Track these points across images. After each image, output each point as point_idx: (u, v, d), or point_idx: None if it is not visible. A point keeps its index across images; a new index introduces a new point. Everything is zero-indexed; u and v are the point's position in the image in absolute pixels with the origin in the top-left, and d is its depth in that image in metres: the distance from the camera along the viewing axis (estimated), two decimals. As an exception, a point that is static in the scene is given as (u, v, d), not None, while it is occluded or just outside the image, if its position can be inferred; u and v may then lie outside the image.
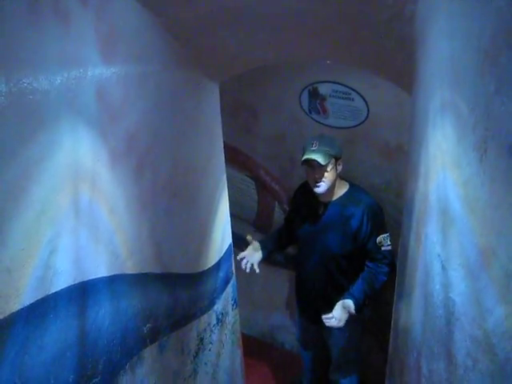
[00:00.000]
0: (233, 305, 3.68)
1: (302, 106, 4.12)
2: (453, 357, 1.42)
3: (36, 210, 1.44)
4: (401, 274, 2.58)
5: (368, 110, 3.82)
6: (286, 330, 5.34)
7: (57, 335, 1.56)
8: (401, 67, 2.54)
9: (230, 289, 3.59)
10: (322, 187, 3.45)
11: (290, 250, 4.49)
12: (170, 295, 2.63)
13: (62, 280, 1.59)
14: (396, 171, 3.90)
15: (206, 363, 3.20)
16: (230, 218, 3.60)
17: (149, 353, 2.39)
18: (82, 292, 1.73)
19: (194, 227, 2.92)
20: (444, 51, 1.58)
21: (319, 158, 3.31)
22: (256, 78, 4.15)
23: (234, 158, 4.52)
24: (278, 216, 4.84)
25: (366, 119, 3.88)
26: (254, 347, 5.15)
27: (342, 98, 3.90)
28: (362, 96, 3.79)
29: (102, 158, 1.86)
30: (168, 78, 2.44)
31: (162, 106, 2.39)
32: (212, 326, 3.27)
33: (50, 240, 1.51)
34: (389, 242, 3.49)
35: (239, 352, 3.93)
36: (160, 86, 2.36)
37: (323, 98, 3.99)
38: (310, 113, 4.12)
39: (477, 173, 1.20)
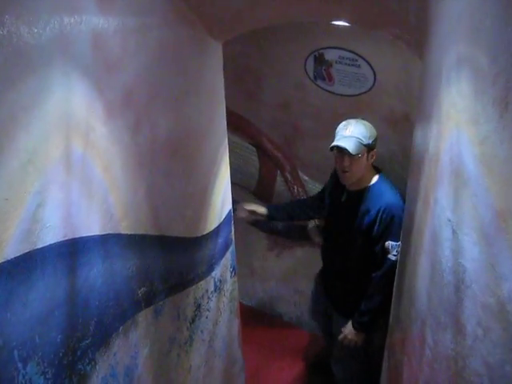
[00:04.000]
0: (231, 272, 3.62)
1: (307, 72, 4.03)
2: (461, 326, 1.37)
3: (22, 159, 1.34)
4: (405, 243, 2.52)
5: (375, 78, 3.74)
6: (285, 300, 5.31)
7: (44, 292, 1.48)
8: (411, 27, 2.44)
9: (229, 255, 3.52)
10: (348, 178, 3.36)
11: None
12: (167, 259, 2.56)
13: (51, 235, 1.50)
14: (401, 141, 3.85)
15: (202, 330, 3.15)
16: (230, 184, 3.52)
17: (143, 317, 2.33)
18: (73, 249, 1.65)
19: (194, 190, 2.84)
20: (461, 2, 1.49)
21: (350, 147, 3.17)
22: (261, 42, 4.08)
23: (236, 124, 4.44)
24: (280, 185, 4.78)
25: (372, 87, 3.79)
26: (252, 317, 5.13)
27: (349, 65, 3.82)
28: (368, 63, 3.71)
29: (96, 111, 1.76)
30: (169, 33, 2.34)
31: (163, 61, 2.29)
32: (210, 292, 3.21)
33: (37, 192, 1.41)
34: (395, 253, 3.20)
35: (237, 321, 3.88)
36: (161, 40, 2.26)
37: (329, 65, 3.90)
38: (316, 79, 4.03)
39: (496, 129, 1.13)
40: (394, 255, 3.21)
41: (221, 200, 3.30)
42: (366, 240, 3.37)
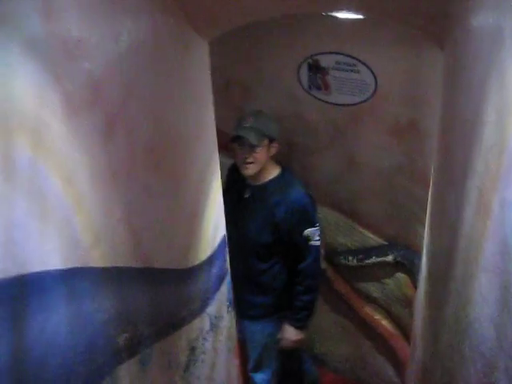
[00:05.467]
0: (228, 306, 3.30)
1: (300, 82, 3.78)
2: None
3: None
4: (441, 267, 2.11)
5: (376, 84, 3.50)
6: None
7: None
8: (436, 12, 2.09)
9: (224, 288, 3.19)
10: (250, 169, 3.33)
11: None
12: (153, 296, 2.16)
13: (-19, 272, 1.05)
14: (408, 152, 3.61)
15: (198, 377, 2.77)
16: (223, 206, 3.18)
17: (126, 370, 1.89)
18: (20, 291, 1.18)
19: (182, 211, 2.45)
20: None
21: (251, 137, 3.19)
22: (248, 50, 3.80)
23: (225, 143, 4.08)
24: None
25: (373, 94, 3.55)
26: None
27: (347, 71, 3.58)
28: (369, 67, 3.46)
29: (52, 103, 1.33)
30: (147, 20, 1.95)
31: (139, 53, 1.88)
32: (205, 332, 2.85)
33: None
34: (317, 237, 3.37)
35: (236, 361, 3.55)
36: (137, 27, 1.85)
37: (325, 72, 3.65)
38: (310, 89, 3.78)
39: None
40: (317, 240, 3.35)
41: (213, 224, 2.95)
42: (276, 233, 3.36)
